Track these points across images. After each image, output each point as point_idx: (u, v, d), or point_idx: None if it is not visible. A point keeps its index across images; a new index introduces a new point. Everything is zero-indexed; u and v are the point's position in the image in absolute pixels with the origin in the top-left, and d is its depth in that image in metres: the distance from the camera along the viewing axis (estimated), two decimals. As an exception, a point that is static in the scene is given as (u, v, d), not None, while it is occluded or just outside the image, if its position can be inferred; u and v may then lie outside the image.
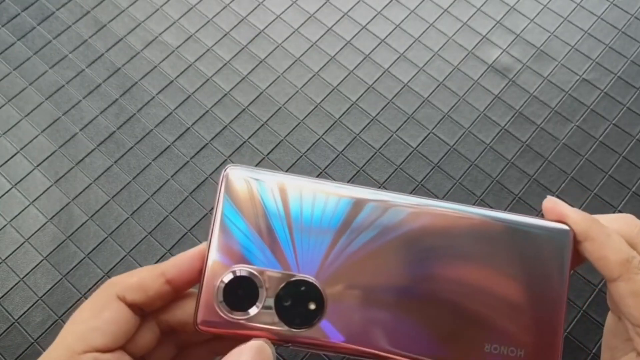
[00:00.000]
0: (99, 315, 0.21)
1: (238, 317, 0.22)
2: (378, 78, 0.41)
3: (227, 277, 0.22)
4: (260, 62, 0.41)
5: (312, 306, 0.22)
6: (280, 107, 0.40)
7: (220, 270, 0.22)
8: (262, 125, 0.39)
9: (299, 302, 0.22)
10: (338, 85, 0.40)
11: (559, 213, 0.23)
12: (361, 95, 0.40)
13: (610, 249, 0.22)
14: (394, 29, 0.42)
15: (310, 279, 0.22)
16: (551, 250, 0.23)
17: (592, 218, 0.23)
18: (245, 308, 0.22)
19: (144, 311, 0.23)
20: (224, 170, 0.23)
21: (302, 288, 0.22)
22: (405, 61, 0.41)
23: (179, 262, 0.23)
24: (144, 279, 0.22)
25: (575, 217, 0.23)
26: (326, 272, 0.22)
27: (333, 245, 0.23)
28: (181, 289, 0.23)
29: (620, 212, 0.36)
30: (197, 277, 0.23)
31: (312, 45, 0.42)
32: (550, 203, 0.24)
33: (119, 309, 0.22)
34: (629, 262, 0.21)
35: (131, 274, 0.23)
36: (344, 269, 0.23)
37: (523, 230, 0.23)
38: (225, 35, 0.42)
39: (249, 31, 0.42)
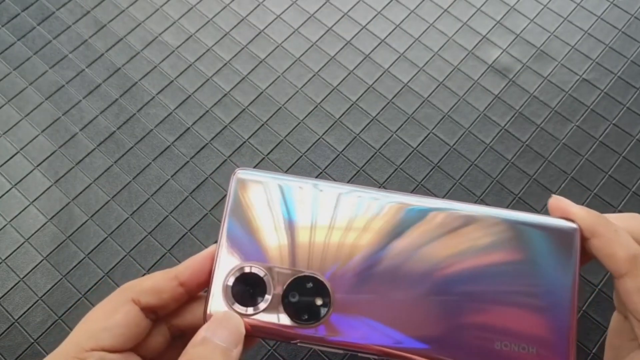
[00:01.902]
0: (110, 317, 0.22)
1: (246, 312, 0.22)
2: (378, 78, 0.41)
3: (236, 274, 0.22)
4: (260, 62, 0.41)
5: (319, 302, 0.22)
6: (280, 107, 0.40)
7: (229, 268, 0.23)
8: (262, 125, 0.39)
9: (306, 298, 0.22)
10: (338, 85, 0.40)
11: (564, 210, 0.23)
12: (361, 95, 0.40)
13: (618, 245, 0.22)
14: (394, 29, 0.42)
15: (318, 275, 0.23)
16: (559, 247, 0.23)
17: (599, 214, 0.23)
18: (253, 304, 0.22)
19: (156, 315, 0.23)
20: (233, 173, 0.24)
21: (309, 284, 0.22)
22: (405, 61, 0.41)
23: (191, 264, 0.23)
24: (158, 282, 0.23)
25: (581, 214, 0.23)
26: (333, 269, 0.23)
27: (340, 243, 0.23)
28: (194, 291, 0.24)
29: (620, 212, 0.36)
30: (209, 278, 0.23)
31: (312, 45, 0.42)
32: (556, 201, 0.24)
33: (131, 311, 0.22)
34: (637, 259, 0.21)
35: (146, 278, 0.23)
36: (351, 267, 0.23)
37: (531, 228, 0.23)
38: (225, 35, 0.42)
39: (249, 31, 0.42)
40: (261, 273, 0.22)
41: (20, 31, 0.42)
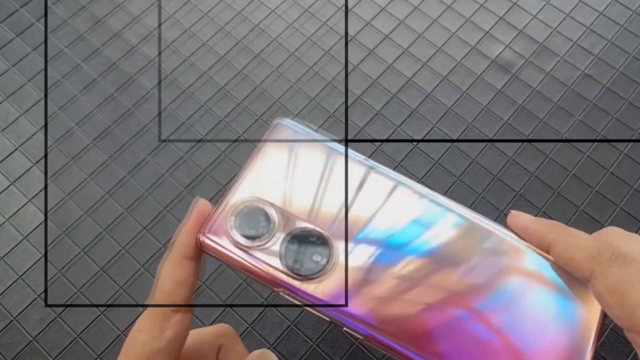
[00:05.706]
0: (160, 337, 0.21)
1: (243, 244, 0.22)
2: (382, 73, 0.40)
3: (245, 205, 0.22)
4: (260, 59, 0.41)
5: (318, 258, 0.22)
6: (280, 105, 0.39)
7: (240, 198, 0.22)
8: (259, 121, 0.39)
9: (306, 250, 0.22)
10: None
11: (520, 225, 0.22)
12: (365, 90, 0.40)
13: (575, 248, 0.20)
14: (398, 24, 0.42)
15: (324, 232, 0.22)
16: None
17: (553, 223, 0.21)
18: (252, 239, 0.22)
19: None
20: (274, 120, 0.23)
21: (315, 239, 0.22)
22: (409, 56, 0.41)
23: (189, 241, 0.22)
24: (170, 278, 0.21)
25: (534, 227, 0.21)
26: (342, 233, 0.22)
27: (360, 217, 0.22)
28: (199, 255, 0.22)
29: (622, 209, 0.36)
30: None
31: (315, 42, 0.41)
32: (513, 218, 0.23)
33: (178, 323, 0.21)
34: (600, 257, 0.19)
35: (162, 282, 0.22)
36: (362, 239, 0.22)
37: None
38: (223, 30, 0.42)
39: (247, 27, 0.42)
40: (269, 213, 0.22)
41: (18, 27, 0.42)
